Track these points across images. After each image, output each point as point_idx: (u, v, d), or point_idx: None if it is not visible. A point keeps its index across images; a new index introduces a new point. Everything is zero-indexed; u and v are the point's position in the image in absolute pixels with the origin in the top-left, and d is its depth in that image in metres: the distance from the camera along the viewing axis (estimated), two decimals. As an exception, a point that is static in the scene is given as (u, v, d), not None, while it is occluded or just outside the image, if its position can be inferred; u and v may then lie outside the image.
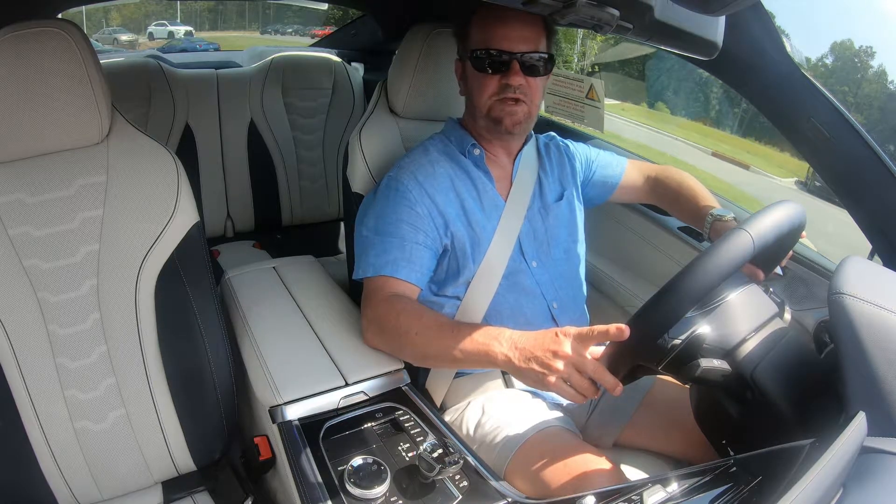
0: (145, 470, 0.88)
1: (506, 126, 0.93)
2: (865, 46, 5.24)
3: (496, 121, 0.93)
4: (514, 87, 0.90)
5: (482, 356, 0.76)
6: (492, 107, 0.93)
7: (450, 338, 0.79)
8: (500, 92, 0.91)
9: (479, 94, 0.93)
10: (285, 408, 0.79)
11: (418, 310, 0.86)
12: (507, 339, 0.75)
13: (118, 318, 0.83)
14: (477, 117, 0.96)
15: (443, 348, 0.79)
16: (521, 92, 0.91)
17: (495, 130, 0.95)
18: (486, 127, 0.96)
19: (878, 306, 0.63)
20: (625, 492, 0.65)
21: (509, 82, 0.90)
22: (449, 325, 0.82)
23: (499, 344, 0.75)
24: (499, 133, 0.96)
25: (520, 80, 0.90)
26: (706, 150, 5.72)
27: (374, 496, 0.66)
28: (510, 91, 0.91)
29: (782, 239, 0.73)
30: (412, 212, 0.92)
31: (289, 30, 10.36)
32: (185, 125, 1.74)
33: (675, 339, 0.69)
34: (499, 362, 0.74)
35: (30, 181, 0.79)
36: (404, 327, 0.83)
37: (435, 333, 0.81)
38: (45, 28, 0.74)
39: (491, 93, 0.92)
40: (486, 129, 0.97)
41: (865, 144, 0.93)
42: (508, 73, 0.90)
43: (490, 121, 0.94)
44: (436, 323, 0.83)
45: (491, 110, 0.93)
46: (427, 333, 0.81)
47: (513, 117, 0.93)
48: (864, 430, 0.56)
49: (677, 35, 0.80)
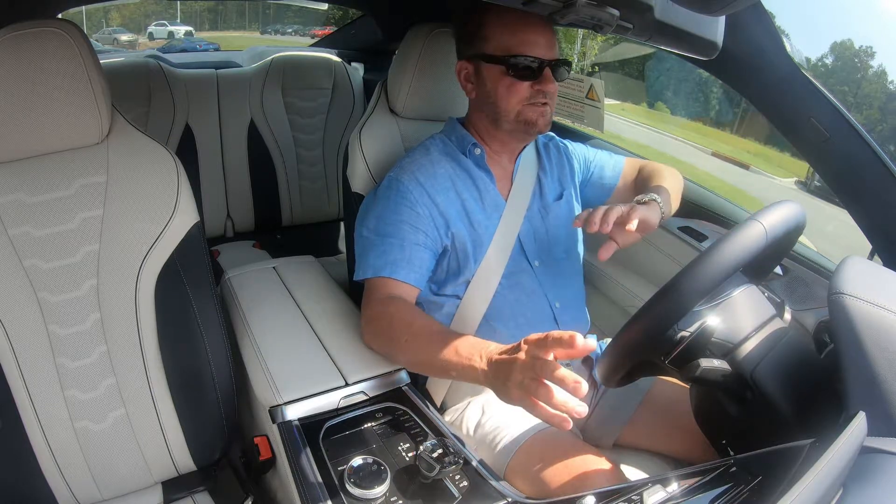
0: (145, 470, 0.88)
1: (539, 127, 0.94)
2: (865, 46, 5.25)
3: (529, 123, 0.93)
4: (546, 94, 0.91)
5: (467, 371, 0.72)
6: (521, 111, 0.93)
7: (437, 349, 0.76)
8: (532, 97, 0.92)
9: (508, 99, 0.93)
10: (285, 408, 0.79)
11: (410, 316, 0.84)
12: (486, 353, 0.70)
13: (118, 318, 0.83)
14: (500, 120, 0.95)
15: (430, 359, 0.77)
16: (550, 97, 0.93)
17: (525, 132, 0.95)
18: (513, 129, 0.95)
19: (878, 306, 0.63)
20: (625, 492, 0.65)
21: (543, 88, 0.91)
22: (438, 334, 0.79)
23: (479, 359, 0.70)
24: (528, 135, 0.97)
25: (553, 87, 0.92)
26: (706, 150, 5.72)
27: (374, 496, 0.66)
28: (542, 97, 0.92)
29: (789, 234, 0.73)
30: (413, 212, 0.92)
31: (289, 30, 10.37)
32: (185, 125, 1.74)
33: (684, 330, 0.70)
34: (480, 379, 0.70)
35: (30, 181, 0.79)
36: (396, 333, 0.83)
37: (424, 342, 0.79)
38: (45, 28, 0.74)
39: (522, 98, 0.92)
40: (510, 132, 0.97)
41: (865, 144, 0.93)
42: (542, 80, 0.91)
43: (520, 123, 0.94)
44: (426, 331, 0.80)
45: (521, 114, 0.93)
46: (416, 341, 0.80)
47: (545, 118, 0.94)
48: (864, 430, 0.56)
49: (677, 35, 0.80)
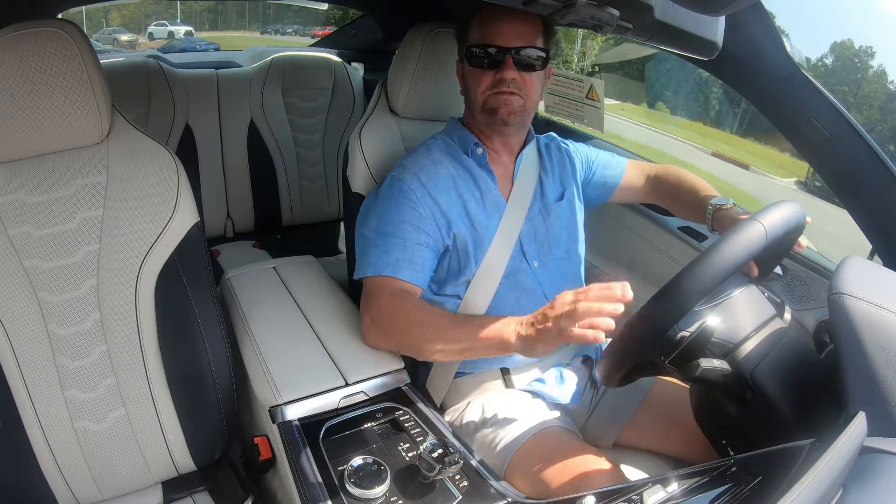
0: (145, 470, 0.88)
1: (501, 116, 0.94)
2: (865, 46, 5.25)
3: (491, 111, 0.94)
4: (507, 81, 0.91)
5: (495, 341, 0.78)
6: (486, 99, 0.94)
7: (461, 328, 0.81)
8: (495, 86, 0.92)
9: (475, 88, 0.95)
10: (285, 408, 0.79)
11: (425, 304, 0.89)
12: (514, 321, 0.78)
13: (118, 318, 0.83)
14: (475, 112, 0.97)
15: (454, 338, 0.81)
16: (515, 86, 0.92)
17: (491, 122, 0.96)
18: (484, 121, 0.97)
19: (878, 306, 0.63)
20: (625, 492, 0.65)
21: (503, 76, 0.91)
22: (459, 317, 0.88)
23: (506, 325, 0.77)
24: (495, 125, 0.96)
25: (513, 74, 0.91)
26: (706, 151, 5.72)
27: (374, 496, 0.66)
28: (504, 85, 0.92)
29: (789, 234, 0.73)
30: (415, 212, 0.92)
31: (289, 30, 10.36)
32: (185, 125, 1.74)
33: (684, 330, 0.70)
34: (512, 342, 0.76)
35: (30, 181, 0.79)
36: (415, 321, 0.84)
37: (447, 323, 0.83)
38: (45, 28, 0.74)
39: (485, 87, 0.93)
40: (483, 124, 0.98)
41: (865, 144, 0.93)
42: (502, 68, 0.91)
43: (485, 113, 0.95)
44: (447, 315, 0.87)
45: (486, 102, 0.94)
46: (438, 324, 0.83)
47: (508, 106, 0.93)
48: (864, 430, 0.56)
49: (677, 35, 0.80)
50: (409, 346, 0.88)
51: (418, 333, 0.84)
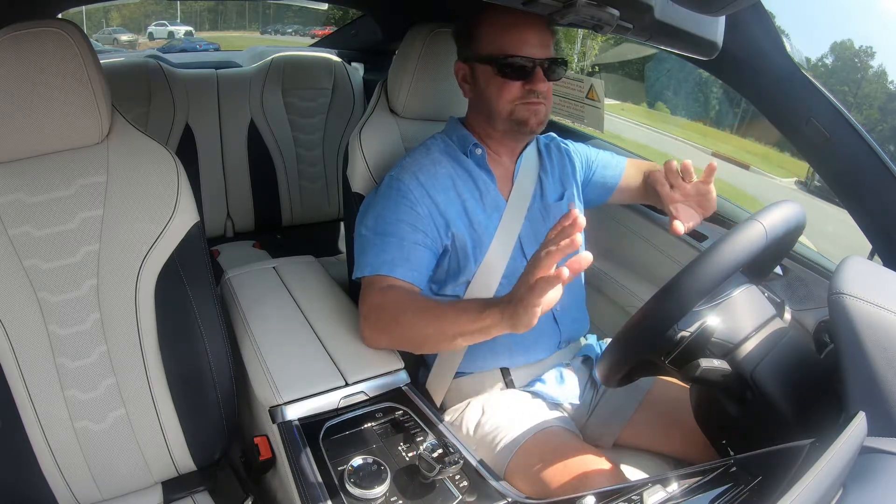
0: (145, 470, 0.88)
1: (531, 126, 0.94)
2: (865, 46, 5.25)
3: (521, 122, 0.94)
4: (538, 93, 0.92)
5: (481, 319, 0.74)
6: (514, 110, 0.93)
7: (446, 314, 0.79)
8: (524, 97, 0.92)
9: (498, 97, 0.93)
10: (285, 408, 0.79)
11: (411, 296, 0.87)
12: (498, 299, 0.74)
13: (118, 318, 0.83)
14: (495, 120, 0.96)
15: (441, 328, 0.79)
16: (543, 96, 0.93)
17: (518, 132, 0.96)
18: (507, 129, 0.96)
19: (878, 306, 0.63)
20: (625, 492, 0.65)
21: (535, 88, 0.91)
22: (443, 304, 0.83)
23: (487, 305, 0.74)
24: (522, 134, 0.96)
25: (544, 86, 0.92)
26: (706, 151, 5.72)
27: (374, 496, 0.66)
28: (533, 96, 0.92)
29: (789, 234, 0.73)
30: (412, 212, 0.92)
31: (289, 30, 10.36)
32: (185, 125, 1.74)
33: (684, 330, 0.70)
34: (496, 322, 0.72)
35: (30, 181, 0.79)
36: (403, 310, 0.83)
37: (433, 313, 0.81)
38: (45, 28, 0.74)
39: (514, 97, 0.92)
40: (505, 132, 0.97)
41: (865, 144, 0.93)
42: (533, 80, 0.91)
43: (513, 123, 0.94)
44: (434, 302, 0.85)
45: (513, 113, 0.93)
46: (423, 314, 0.82)
47: (537, 116, 0.94)
48: (864, 430, 0.56)
49: (677, 35, 0.80)
50: (402, 338, 0.86)
51: (407, 323, 0.83)
